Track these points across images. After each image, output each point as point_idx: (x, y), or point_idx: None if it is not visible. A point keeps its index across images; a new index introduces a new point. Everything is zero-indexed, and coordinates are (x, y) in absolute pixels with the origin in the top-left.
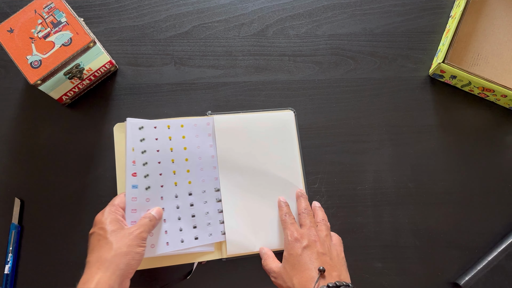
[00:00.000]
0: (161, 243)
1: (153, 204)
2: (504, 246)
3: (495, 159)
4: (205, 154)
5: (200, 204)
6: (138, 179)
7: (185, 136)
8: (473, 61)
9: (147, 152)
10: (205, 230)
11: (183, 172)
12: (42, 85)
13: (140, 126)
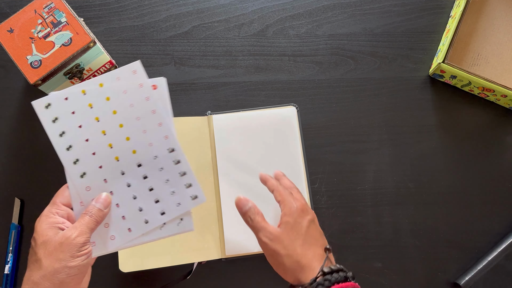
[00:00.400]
0: (122, 232)
1: (96, 191)
2: (504, 246)
3: (495, 159)
4: (143, 112)
5: (155, 173)
6: (67, 167)
7: (110, 97)
8: (473, 61)
9: (66, 134)
10: (170, 202)
11: (122, 142)
12: (42, 85)
13: (45, 104)
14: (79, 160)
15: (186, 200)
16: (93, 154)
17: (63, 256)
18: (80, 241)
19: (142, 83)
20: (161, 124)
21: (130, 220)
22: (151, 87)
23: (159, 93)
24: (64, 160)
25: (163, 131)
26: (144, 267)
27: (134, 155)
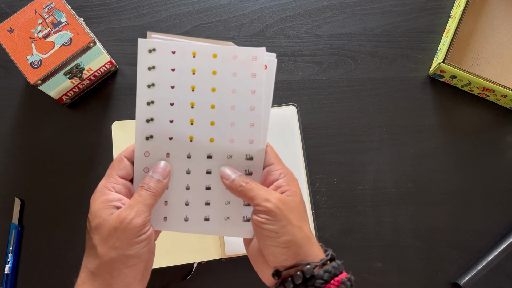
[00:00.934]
0: (157, 217)
1: (154, 160)
2: (504, 246)
3: (495, 159)
4: (241, 103)
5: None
6: (139, 123)
7: (217, 72)
8: (473, 61)
9: (155, 88)
10: (220, 211)
11: (205, 124)
12: (42, 85)
13: (151, 47)
14: (154, 120)
15: (236, 218)
16: (171, 122)
17: (120, 244)
18: (137, 223)
19: (257, 56)
20: (253, 126)
21: (171, 209)
22: (262, 65)
23: (268, 74)
24: (140, 113)
25: (252, 133)
26: None
27: (210, 143)
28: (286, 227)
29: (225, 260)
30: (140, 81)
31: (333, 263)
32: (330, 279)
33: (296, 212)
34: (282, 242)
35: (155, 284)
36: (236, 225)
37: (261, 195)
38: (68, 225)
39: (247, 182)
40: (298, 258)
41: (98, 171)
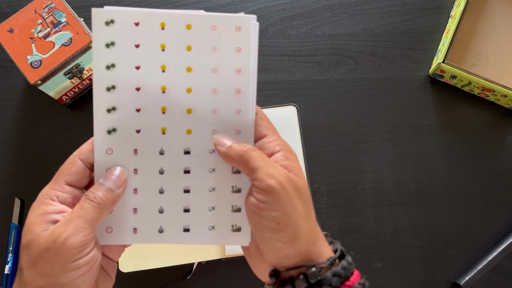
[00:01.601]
0: (124, 228)
1: (119, 158)
2: (504, 246)
3: (495, 159)
4: (224, 85)
5: (201, 173)
6: (97, 113)
7: (192, 47)
8: (473, 61)
9: (116, 69)
10: (203, 219)
11: (180, 112)
12: (42, 85)
13: (108, 18)
14: (116, 109)
15: (223, 228)
16: (137, 110)
17: (50, 269)
18: (74, 243)
19: (241, 26)
20: (239, 112)
21: (142, 219)
22: (248, 37)
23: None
24: (98, 100)
25: (238, 121)
26: (143, 267)
27: (187, 136)
28: (291, 216)
29: (225, 260)
30: (96, 61)
31: (343, 262)
32: (340, 284)
33: (303, 196)
34: (284, 237)
35: (154, 284)
36: (224, 236)
37: (265, 168)
38: None
39: (249, 148)
40: (302, 257)
41: None
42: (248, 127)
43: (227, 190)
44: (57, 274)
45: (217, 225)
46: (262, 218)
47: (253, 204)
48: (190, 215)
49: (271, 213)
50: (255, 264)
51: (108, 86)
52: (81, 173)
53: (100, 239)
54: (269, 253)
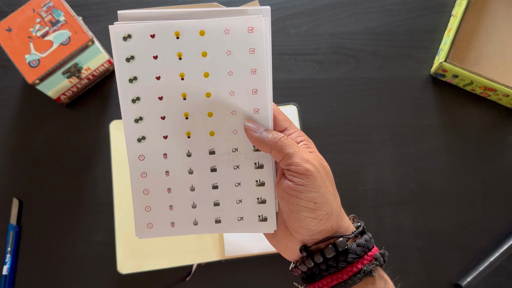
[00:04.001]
0: (163, 223)
1: (152, 166)
2: (506, 247)
3: (497, 159)
4: (241, 87)
5: (226, 170)
6: (128, 127)
7: (207, 53)
8: (475, 60)
9: (138, 81)
10: (232, 211)
11: (202, 115)
12: (40, 85)
13: (125, 33)
14: (143, 119)
15: (251, 218)
16: (162, 118)
17: None
18: None
19: (253, 27)
20: (257, 111)
21: (177, 213)
22: (261, 37)
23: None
24: (126, 112)
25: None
26: (143, 269)
27: (210, 137)
28: (325, 196)
29: (225, 262)
30: (119, 76)
31: (365, 236)
32: (364, 254)
33: (330, 178)
34: (320, 215)
35: (154, 285)
36: (252, 225)
37: (300, 153)
38: (66, 225)
39: (283, 136)
40: (331, 231)
41: (96, 171)
42: (266, 124)
43: (252, 184)
44: None
45: (245, 216)
46: (300, 199)
47: (290, 187)
48: (220, 208)
49: (309, 194)
50: (284, 245)
51: (133, 98)
52: None
53: (142, 233)
54: (304, 231)
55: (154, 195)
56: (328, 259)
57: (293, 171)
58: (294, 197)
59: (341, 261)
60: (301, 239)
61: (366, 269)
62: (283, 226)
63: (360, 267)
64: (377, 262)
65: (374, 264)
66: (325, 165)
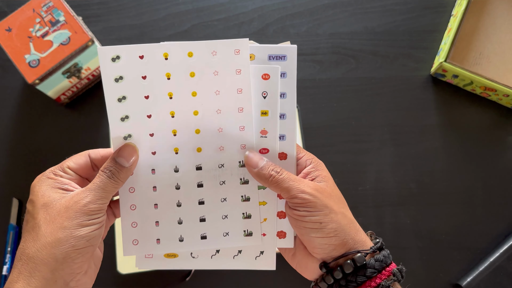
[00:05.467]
0: (149, 240)
1: (140, 182)
2: (506, 247)
3: (498, 159)
4: (227, 105)
5: (212, 185)
6: (116, 145)
7: (195, 73)
8: (475, 60)
9: (127, 100)
10: (217, 227)
11: (189, 132)
12: (40, 85)
13: (114, 55)
14: (132, 136)
15: (236, 233)
16: (151, 135)
17: (69, 224)
18: (93, 207)
19: (239, 49)
20: (243, 129)
21: (163, 229)
22: (247, 59)
23: (289, 67)
24: (114, 130)
25: (243, 137)
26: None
27: (197, 154)
28: (329, 215)
29: None
30: (108, 95)
31: (383, 252)
32: (382, 269)
33: (335, 198)
34: (328, 232)
35: (154, 285)
36: (237, 240)
37: (295, 186)
38: None
39: (278, 172)
40: (347, 246)
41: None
42: (250, 144)
43: (237, 200)
44: (75, 228)
45: (231, 231)
46: (306, 223)
47: (296, 214)
48: (206, 224)
49: (312, 218)
50: (305, 265)
51: (122, 117)
52: (85, 166)
53: (127, 250)
54: (319, 250)
55: (141, 211)
56: (347, 274)
57: (294, 203)
58: (300, 221)
59: (360, 275)
60: (320, 258)
61: (384, 284)
62: (302, 246)
63: (379, 282)
64: (395, 277)
65: (392, 279)
66: (324, 187)
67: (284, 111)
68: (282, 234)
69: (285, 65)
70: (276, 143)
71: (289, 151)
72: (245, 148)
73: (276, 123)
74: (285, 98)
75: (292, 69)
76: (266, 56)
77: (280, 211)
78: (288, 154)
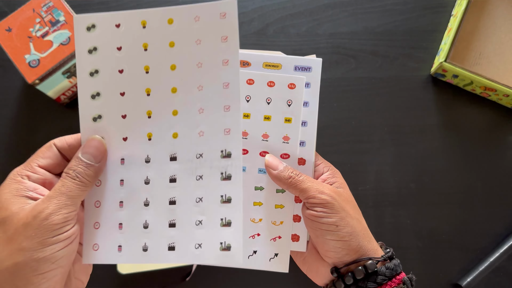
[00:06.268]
0: (110, 246)
1: (107, 173)
2: (506, 247)
3: (498, 159)
4: (210, 80)
5: (187, 181)
6: (84, 124)
7: (175, 43)
8: (475, 60)
9: (100, 75)
10: (189, 235)
11: (166, 114)
12: (40, 85)
13: (89, 23)
14: (102, 117)
15: (211, 245)
16: (123, 117)
17: (28, 244)
18: (56, 220)
19: (226, 12)
20: (228, 109)
21: (126, 235)
22: (234, 24)
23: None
24: (84, 108)
25: (226, 121)
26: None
27: (173, 140)
28: (345, 219)
29: None
30: (80, 68)
31: (394, 261)
32: (392, 277)
33: (351, 204)
34: (343, 236)
35: (153, 286)
36: (211, 255)
37: (314, 187)
38: None
39: (297, 174)
40: (359, 253)
41: None
42: (238, 120)
43: (215, 201)
44: (35, 249)
45: (204, 243)
46: (322, 224)
47: (313, 215)
48: (175, 230)
49: (329, 220)
50: (315, 269)
51: (93, 94)
52: (56, 159)
53: (86, 257)
54: (331, 253)
55: (104, 209)
56: (358, 280)
57: (312, 203)
58: (316, 223)
59: (371, 282)
60: (331, 262)
61: None
62: (314, 250)
63: None
64: (405, 286)
65: (402, 287)
66: (342, 192)
67: (306, 119)
68: (295, 237)
69: (310, 76)
70: (297, 149)
71: (308, 157)
72: (229, 134)
73: (298, 131)
74: (308, 107)
75: (316, 80)
76: (292, 66)
77: (295, 215)
78: (307, 160)
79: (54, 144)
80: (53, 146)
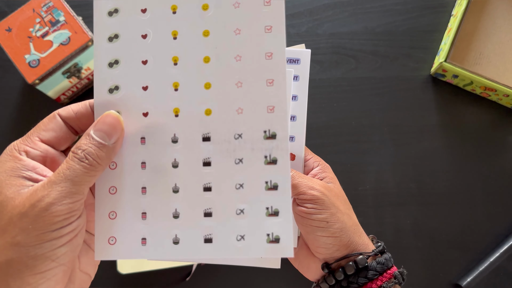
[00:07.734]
0: (131, 238)
1: (125, 155)
2: (506, 247)
3: (498, 159)
4: (251, 50)
5: (225, 165)
6: (99, 91)
7: (209, 32)
8: (475, 60)
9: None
10: (229, 226)
11: (197, 87)
12: (40, 85)
13: (111, 8)
14: (120, 88)
15: (256, 236)
16: (144, 89)
17: (24, 239)
18: (59, 211)
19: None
20: (271, 83)
21: (150, 226)
22: (282, 10)
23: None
24: (98, 77)
25: (267, 99)
26: (143, 269)
27: (206, 117)
28: (336, 215)
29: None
30: (97, 58)
31: (385, 255)
32: (383, 271)
33: (342, 199)
34: (334, 232)
35: (154, 285)
36: (257, 248)
37: (304, 182)
38: None
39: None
40: (350, 248)
41: None
42: (285, 98)
43: (260, 187)
44: (32, 244)
45: (248, 234)
46: (313, 221)
47: (302, 211)
48: (213, 221)
49: (319, 216)
50: (306, 265)
51: (110, 61)
52: (60, 131)
53: (99, 252)
54: (322, 250)
55: (123, 196)
56: (349, 275)
57: (302, 199)
58: (307, 219)
59: (361, 277)
60: (322, 258)
61: (386, 286)
62: (305, 246)
63: (380, 284)
64: (396, 280)
65: (393, 282)
66: (332, 187)
67: (295, 113)
68: None
69: (298, 68)
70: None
71: (298, 152)
72: (273, 112)
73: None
74: (297, 100)
75: (305, 73)
76: None
77: None
78: (297, 155)
79: (59, 114)
80: (57, 116)
